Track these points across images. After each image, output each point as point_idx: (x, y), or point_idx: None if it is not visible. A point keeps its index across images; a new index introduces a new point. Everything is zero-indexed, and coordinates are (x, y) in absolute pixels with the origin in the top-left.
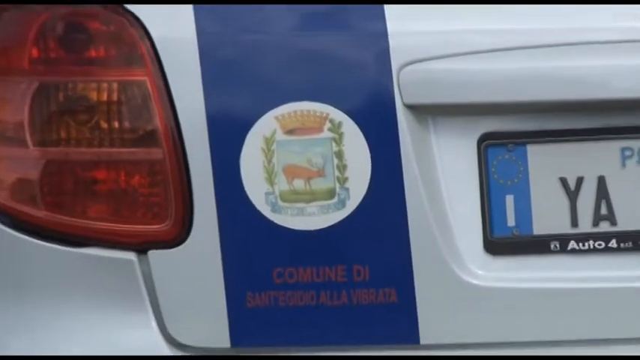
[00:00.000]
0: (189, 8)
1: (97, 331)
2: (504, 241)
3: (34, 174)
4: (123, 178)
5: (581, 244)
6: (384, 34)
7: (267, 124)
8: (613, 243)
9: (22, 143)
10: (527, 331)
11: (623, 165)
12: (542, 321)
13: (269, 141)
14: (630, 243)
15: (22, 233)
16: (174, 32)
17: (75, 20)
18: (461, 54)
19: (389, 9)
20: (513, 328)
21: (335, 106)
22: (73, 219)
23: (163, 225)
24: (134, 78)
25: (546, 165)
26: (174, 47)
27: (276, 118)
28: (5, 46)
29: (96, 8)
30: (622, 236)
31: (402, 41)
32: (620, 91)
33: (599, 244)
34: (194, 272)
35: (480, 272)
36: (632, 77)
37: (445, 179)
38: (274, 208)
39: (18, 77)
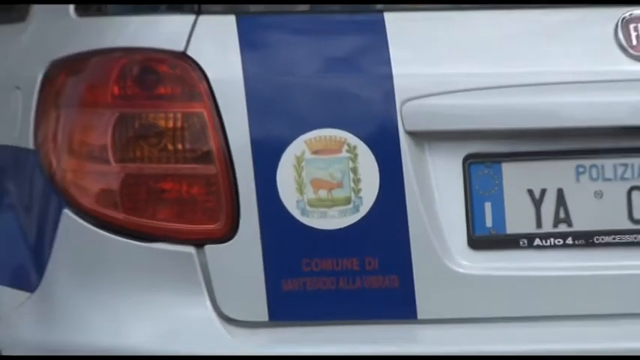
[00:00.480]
0: (237, 55)
1: (162, 308)
2: (483, 238)
3: (115, 185)
4: (185, 188)
5: (544, 241)
6: (390, 76)
7: (298, 146)
8: (569, 240)
9: (106, 161)
10: (501, 309)
11: (578, 179)
12: (513, 300)
13: (299, 159)
14: (583, 240)
15: (105, 231)
16: (225, 74)
17: (147, 64)
18: (450, 92)
19: (393, 54)
20: (490, 307)
21: (351, 133)
22: (146, 220)
23: (216, 225)
24: (194, 110)
25: (516, 179)
26: (225, 86)
27: (305, 141)
28: (92, 85)
29: (165, 55)
30: (576, 235)
31: (404, 82)
32: (575, 121)
33: (559, 241)
34: (240, 262)
35: (464, 263)
36: (584, 110)
37: (437, 190)
38: (303, 212)
39: (103, 109)
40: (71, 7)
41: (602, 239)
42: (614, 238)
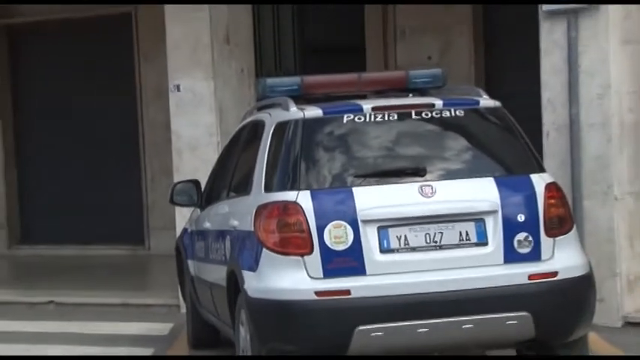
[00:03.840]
0: (310, 201)
1: (291, 274)
2: (384, 250)
3: (294, 240)
4: (296, 240)
5: (402, 251)
6: (355, 206)
7: (330, 226)
8: (409, 250)
9: (274, 233)
10: (391, 269)
11: (410, 231)
12: (394, 267)
13: (330, 230)
14: (412, 250)
15: (274, 253)
16: (307, 207)
17: (284, 205)
18: (372, 212)
19: (356, 199)
20: (387, 269)
21: (344, 221)
22: (285, 249)
23: (306, 250)
24: (299, 218)
25: (394, 233)
26: (308, 211)
27: (333, 224)
28: (269, 212)
29: (290, 203)
30: (393, 249)
31: (361, 209)
32: (410, 214)
33: (405, 250)
34: (314, 260)
35: (379, 256)
36: (413, 214)
37: (371, 237)
38: (331, 244)
39: (272, 219)
40: (262, 186)
41: (420, 249)
42: (423, 249)
